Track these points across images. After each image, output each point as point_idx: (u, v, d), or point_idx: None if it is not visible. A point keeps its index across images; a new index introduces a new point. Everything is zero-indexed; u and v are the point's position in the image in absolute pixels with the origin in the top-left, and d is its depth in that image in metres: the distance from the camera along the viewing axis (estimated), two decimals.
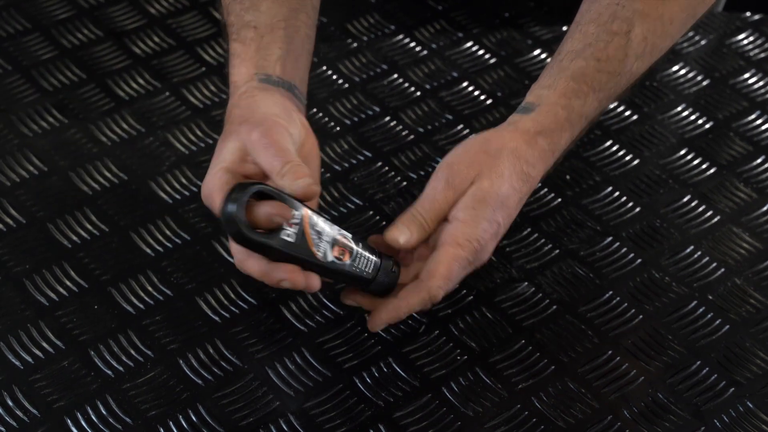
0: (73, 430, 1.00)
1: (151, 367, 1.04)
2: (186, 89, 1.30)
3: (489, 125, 1.23)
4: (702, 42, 1.40)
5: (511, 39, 1.38)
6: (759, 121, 1.31)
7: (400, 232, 1.02)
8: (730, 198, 1.23)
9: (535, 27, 1.40)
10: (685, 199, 1.22)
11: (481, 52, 1.37)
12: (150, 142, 1.24)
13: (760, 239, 1.19)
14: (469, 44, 1.38)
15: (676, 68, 1.36)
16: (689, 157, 1.27)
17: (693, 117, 1.31)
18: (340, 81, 1.32)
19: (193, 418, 1.01)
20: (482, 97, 1.32)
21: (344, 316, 1.09)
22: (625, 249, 1.17)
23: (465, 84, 1.33)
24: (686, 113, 1.31)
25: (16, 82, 1.30)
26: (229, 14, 1.10)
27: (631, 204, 1.21)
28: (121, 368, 1.04)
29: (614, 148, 1.27)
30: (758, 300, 1.14)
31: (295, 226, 0.96)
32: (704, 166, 1.26)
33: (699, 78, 1.35)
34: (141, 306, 1.09)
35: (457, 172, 1.03)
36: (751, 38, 1.41)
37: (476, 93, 1.32)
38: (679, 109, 1.32)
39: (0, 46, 1.34)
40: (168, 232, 1.15)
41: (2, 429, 0.99)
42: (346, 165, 1.23)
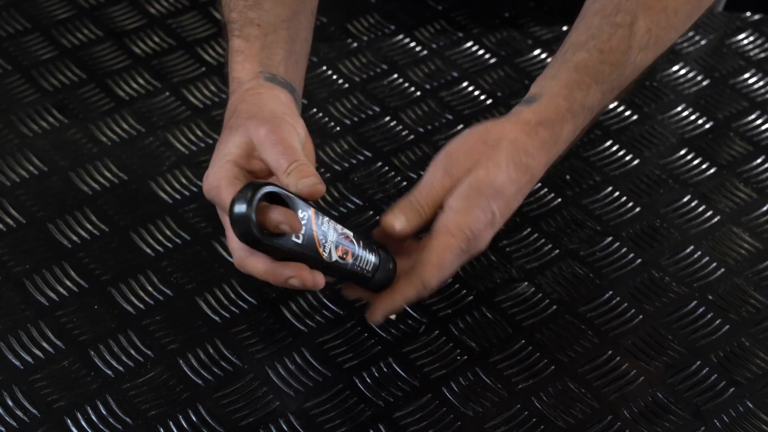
0: (73, 430, 1.00)
1: (151, 367, 1.04)
2: (186, 89, 1.30)
3: None
4: (702, 42, 1.40)
5: (511, 39, 1.38)
6: (759, 121, 1.31)
7: (396, 219, 1.03)
8: (730, 198, 1.23)
9: (535, 27, 1.40)
10: (685, 199, 1.22)
11: (481, 52, 1.37)
12: (150, 142, 1.24)
13: (760, 239, 1.19)
14: (469, 44, 1.38)
15: (676, 68, 1.36)
16: (689, 157, 1.27)
17: (693, 117, 1.31)
18: (340, 81, 1.32)
19: (193, 418, 1.01)
20: (482, 97, 1.32)
21: (344, 316, 1.09)
22: (625, 249, 1.17)
23: (465, 84, 1.33)
24: (686, 113, 1.31)
25: (16, 82, 1.30)
26: (231, 11, 1.10)
27: (631, 204, 1.21)
28: (121, 368, 1.04)
29: (614, 148, 1.27)
30: (758, 300, 1.14)
31: (303, 228, 0.96)
32: (704, 166, 1.26)
33: (699, 78, 1.35)
34: (141, 306, 1.09)
35: (455, 160, 1.04)
36: (751, 38, 1.40)
37: (476, 93, 1.32)
38: (679, 109, 1.32)
39: (0, 46, 1.34)
40: (168, 232, 1.15)
41: (2, 429, 0.99)
42: (346, 165, 1.23)
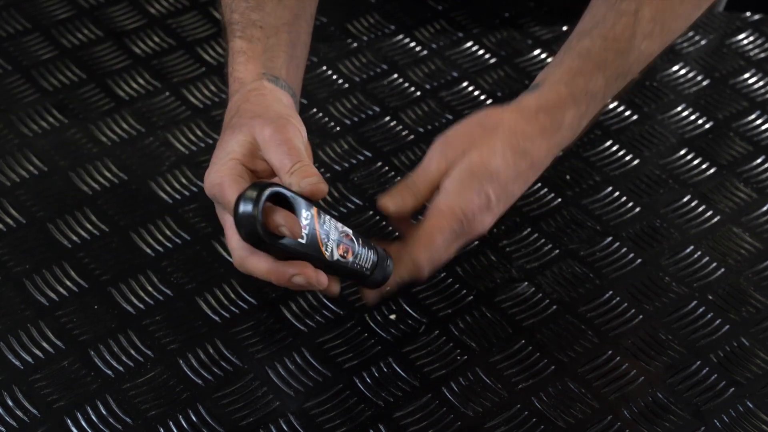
0: (73, 430, 1.00)
1: (151, 367, 1.04)
2: (186, 89, 1.30)
3: None
4: (702, 42, 1.40)
5: (511, 39, 1.38)
6: (759, 121, 1.31)
7: (391, 200, 1.04)
8: (730, 198, 1.23)
9: (535, 27, 1.40)
10: (685, 199, 1.22)
11: (481, 52, 1.37)
12: (150, 142, 1.24)
13: (760, 239, 1.19)
14: (469, 44, 1.38)
15: (676, 68, 1.36)
16: (689, 157, 1.27)
17: (693, 117, 1.31)
18: (340, 81, 1.32)
19: (193, 418, 1.01)
20: (482, 97, 1.32)
21: (344, 316, 1.09)
22: (625, 249, 1.17)
23: (465, 84, 1.33)
24: (686, 113, 1.31)
25: (16, 82, 1.30)
26: (232, 12, 1.10)
27: (631, 204, 1.21)
28: (121, 368, 1.04)
29: (614, 148, 1.27)
30: (758, 300, 1.13)
31: (306, 228, 0.96)
32: (704, 166, 1.26)
33: (699, 78, 1.35)
34: (141, 306, 1.09)
35: (451, 144, 1.05)
36: (751, 38, 1.40)
37: (476, 93, 1.32)
38: (679, 109, 1.32)
39: (0, 46, 1.34)
40: (168, 232, 1.15)
41: (2, 429, 0.99)
42: (346, 165, 1.23)
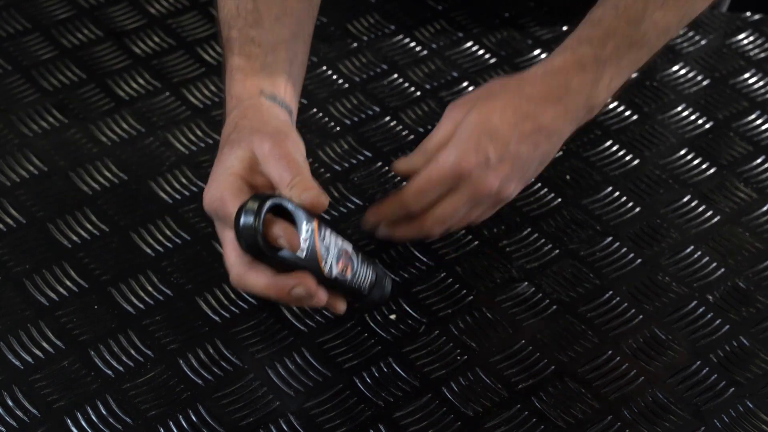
0: (73, 430, 1.00)
1: (151, 367, 1.04)
2: (186, 89, 1.30)
3: None
4: (702, 42, 1.40)
5: (511, 39, 1.38)
6: (759, 121, 1.31)
7: (404, 161, 1.10)
8: (730, 198, 1.23)
9: (535, 27, 1.40)
10: (685, 199, 1.22)
11: (481, 52, 1.37)
12: (150, 142, 1.24)
13: (760, 239, 1.19)
14: (469, 44, 1.38)
15: (676, 68, 1.36)
16: (689, 157, 1.27)
17: (693, 117, 1.31)
18: (340, 81, 1.32)
19: (193, 418, 1.01)
20: None
21: (344, 316, 1.09)
22: (625, 249, 1.17)
23: (465, 84, 1.33)
24: (686, 113, 1.31)
25: (16, 82, 1.30)
26: (231, 29, 1.10)
27: (631, 204, 1.21)
28: (121, 368, 1.04)
29: (614, 148, 1.27)
30: (758, 300, 1.13)
31: (306, 241, 0.96)
32: (704, 166, 1.26)
33: (699, 78, 1.35)
34: (141, 306, 1.09)
35: (459, 107, 1.10)
36: (752, 38, 1.40)
37: None
38: (679, 109, 1.32)
39: (0, 46, 1.34)
40: (168, 232, 1.15)
41: (2, 429, 0.99)
42: (346, 165, 1.23)
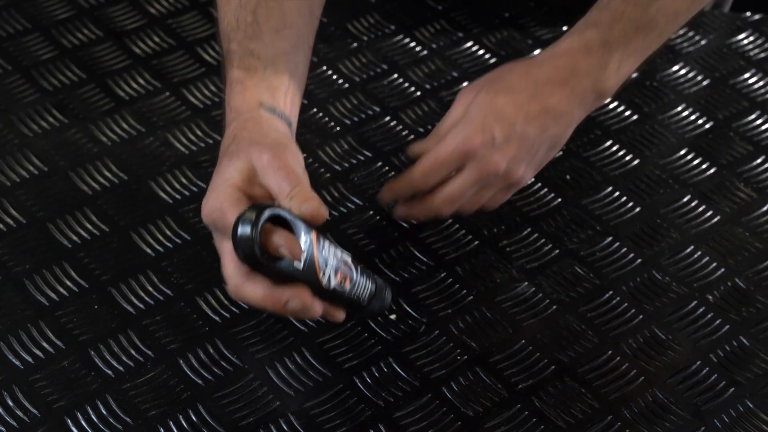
0: (73, 430, 1.00)
1: (151, 367, 1.04)
2: (186, 89, 1.30)
3: None
4: (702, 42, 1.40)
5: (511, 39, 1.38)
6: (759, 121, 1.31)
7: (418, 144, 1.13)
8: (730, 198, 1.23)
9: (535, 27, 1.40)
10: (685, 199, 1.22)
11: (481, 52, 1.37)
12: (150, 142, 1.24)
13: (760, 239, 1.19)
14: (469, 44, 1.38)
15: (676, 68, 1.36)
16: (689, 157, 1.27)
17: (693, 117, 1.31)
18: (340, 81, 1.32)
19: (193, 418, 1.01)
20: None
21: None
22: (625, 249, 1.17)
23: (465, 84, 1.33)
24: (686, 113, 1.31)
25: (16, 82, 1.30)
26: (230, 41, 1.09)
27: (631, 204, 1.21)
28: (121, 368, 1.04)
29: (614, 148, 1.27)
30: (758, 300, 1.13)
31: (304, 252, 0.96)
32: (704, 166, 1.26)
33: (699, 78, 1.35)
34: (141, 306, 1.09)
35: (470, 90, 1.12)
36: (752, 38, 1.40)
37: None
38: (679, 109, 1.32)
39: (0, 46, 1.34)
40: (168, 232, 1.15)
41: (2, 429, 0.99)
42: (346, 165, 1.23)
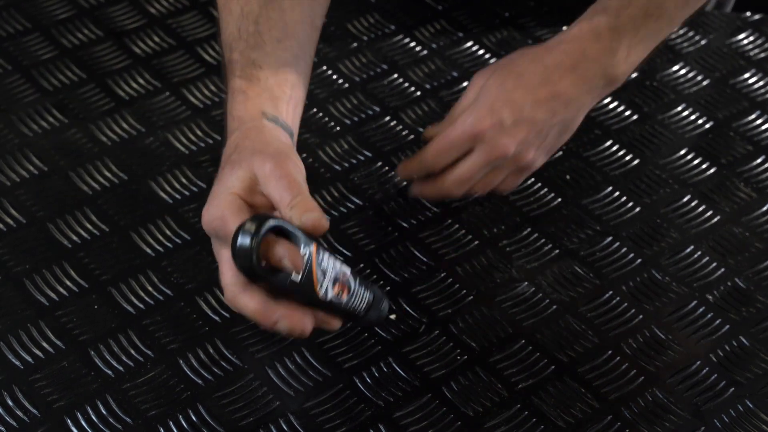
0: (73, 430, 1.00)
1: (151, 367, 1.04)
2: (186, 89, 1.30)
3: None
4: (702, 42, 1.40)
5: (511, 39, 1.38)
6: (759, 121, 1.31)
7: (433, 127, 1.16)
8: (730, 198, 1.23)
9: (535, 27, 1.40)
10: (685, 199, 1.22)
11: (481, 52, 1.37)
12: (150, 142, 1.24)
13: (760, 239, 1.19)
14: (469, 44, 1.38)
15: (676, 68, 1.36)
16: (689, 157, 1.27)
17: (693, 117, 1.31)
18: (340, 81, 1.32)
19: (193, 418, 1.01)
20: None
21: None
22: (625, 249, 1.17)
23: (465, 84, 1.33)
24: (686, 113, 1.31)
25: (16, 82, 1.30)
26: (232, 51, 1.09)
27: (631, 204, 1.21)
28: (121, 368, 1.04)
29: (614, 148, 1.27)
30: (758, 300, 1.13)
31: (303, 265, 0.96)
32: (704, 166, 1.26)
33: (699, 78, 1.35)
34: (141, 306, 1.09)
35: (482, 75, 1.15)
36: (751, 38, 1.40)
37: None
38: (679, 109, 1.32)
39: (0, 46, 1.34)
40: (168, 232, 1.15)
41: (2, 429, 0.99)
42: (346, 165, 1.23)
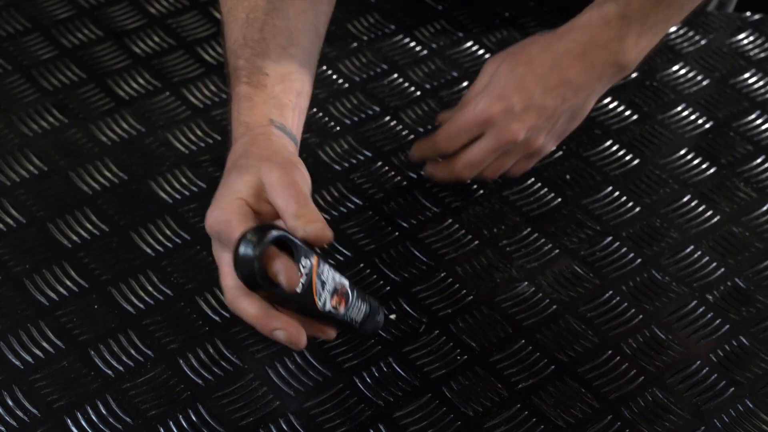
0: (73, 430, 1.00)
1: (151, 367, 1.04)
2: (186, 89, 1.30)
3: None
4: (702, 42, 1.40)
5: (511, 39, 1.38)
6: (759, 121, 1.31)
7: (447, 113, 1.19)
8: (730, 198, 1.23)
9: (535, 27, 1.40)
10: (685, 199, 1.22)
11: (481, 51, 1.37)
12: (150, 142, 1.24)
13: (760, 239, 1.19)
14: (469, 44, 1.38)
15: (676, 68, 1.36)
16: (689, 157, 1.27)
17: (693, 117, 1.31)
18: (340, 81, 1.32)
19: (193, 418, 1.01)
20: None
21: None
22: (625, 249, 1.17)
23: (465, 84, 1.33)
24: (686, 113, 1.31)
25: (16, 82, 1.30)
26: (238, 58, 1.09)
27: (631, 204, 1.21)
28: (121, 368, 1.04)
29: (614, 148, 1.27)
30: (758, 300, 1.13)
31: (303, 276, 0.96)
32: (704, 166, 1.26)
33: (699, 78, 1.35)
34: (141, 306, 1.09)
35: (493, 61, 1.17)
36: (751, 38, 1.40)
37: None
38: (679, 109, 1.32)
39: (0, 46, 1.34)
40: (168, 232, 1.15)
41: (2, 429, 0.99)
42: (346, 165, 1.23)
